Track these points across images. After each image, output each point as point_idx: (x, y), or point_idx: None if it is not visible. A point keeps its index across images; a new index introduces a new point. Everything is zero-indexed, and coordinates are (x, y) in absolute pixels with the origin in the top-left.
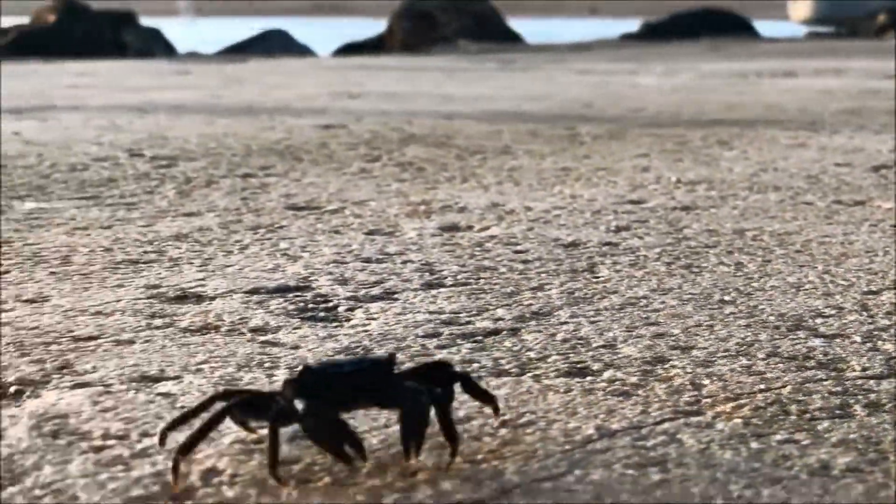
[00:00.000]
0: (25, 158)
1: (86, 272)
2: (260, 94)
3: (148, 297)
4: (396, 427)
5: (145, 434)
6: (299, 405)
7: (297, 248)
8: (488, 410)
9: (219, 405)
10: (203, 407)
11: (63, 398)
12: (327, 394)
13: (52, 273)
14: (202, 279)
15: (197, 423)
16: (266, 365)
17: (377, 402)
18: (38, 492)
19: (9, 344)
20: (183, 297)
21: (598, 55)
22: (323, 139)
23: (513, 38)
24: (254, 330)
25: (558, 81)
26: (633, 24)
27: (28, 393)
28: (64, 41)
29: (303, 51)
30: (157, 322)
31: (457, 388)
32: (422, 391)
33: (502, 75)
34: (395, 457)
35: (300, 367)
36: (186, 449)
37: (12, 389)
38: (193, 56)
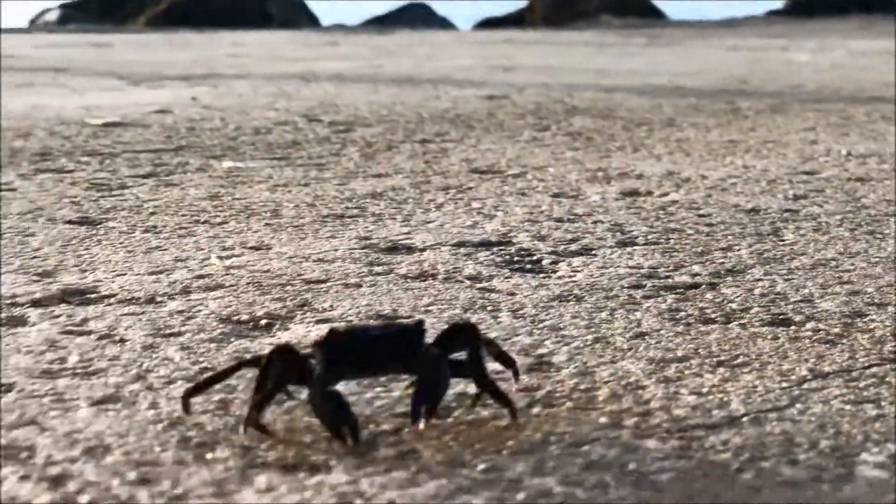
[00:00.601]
0: (210, 122)
1: (297, 224)
2: (416, 66)
3: (362, 248)
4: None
5: None
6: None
7: (490, 207)
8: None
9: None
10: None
11: (311, 331)
12: (352, 357)
13: (267, 224)
14: (408, 233)
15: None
16: (489, 308)
17: (403, 369)
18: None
19: (248, 284)
20: (394, 249)
21: (745, 31)
22: (489, 109)
23: (655, 14)
24: (470, 278)
25: (709, 57)
26: (776, 2)
27: (277, 326)
28: (212, 12)
29: (443, 24)
30: (378, 269)
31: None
32: (443, 358)
33: (650, 50)
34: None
35: (327, 330)
36: (260, 407)
37: (263, 322)
38: (339, 27)
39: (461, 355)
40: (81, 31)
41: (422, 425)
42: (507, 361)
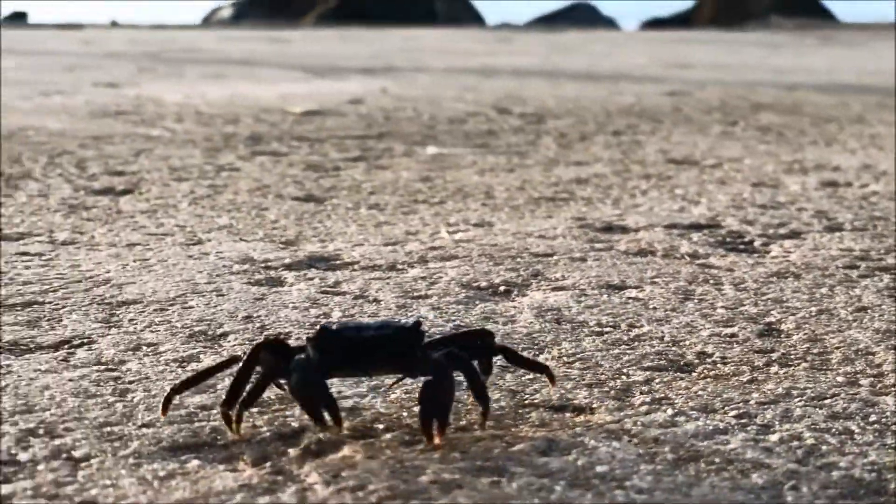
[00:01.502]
0: (404, 111)
1: (513, 205)
2: (593, 63)
3: (579, 227)
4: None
5: (632, 326)
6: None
7: (693, 194)
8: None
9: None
10: (251, 361)
11: (549, 297)
12: (343, 355)
13: (484, 204)
14: (619, 214)
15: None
16: (710, 282)
17: (397, 369)
18: (565, 359)
19: (480, 255)
20: (609, 228)
21: None
22: (673, 104)
23: (825, 15)
24: (689, 255)
25: (886, 57)
26: None
27: (515, 292)
28: (379, 8)
29: (608, 24)
30: (598, 245)
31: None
32: (445, 364)
33: (825, 50)
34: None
35: (317, 326)
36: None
37: (501, 289)
38: (506, 26)
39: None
40: (254, 28)
41: (437, 440)
42: (537, 367)
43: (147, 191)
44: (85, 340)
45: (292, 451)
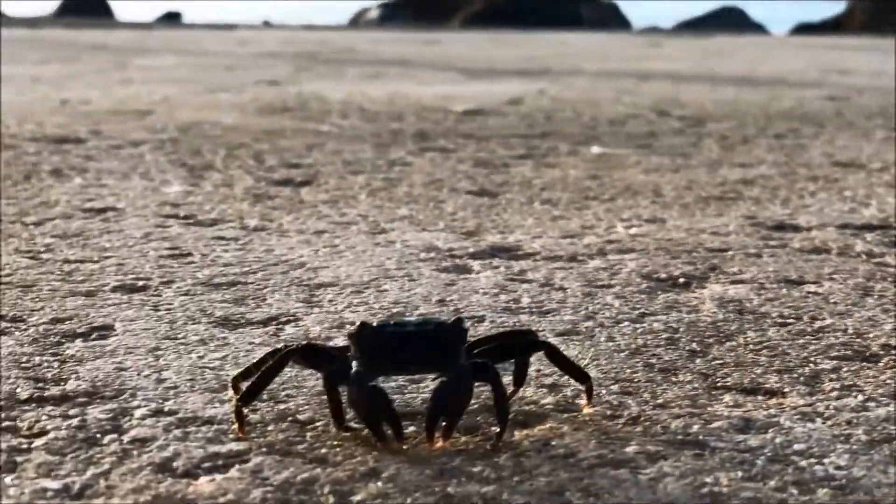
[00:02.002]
0: (563, 112)
1: (682, 203)
2: (748, 67)
3: (751, 225)
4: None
5: (815, 318)
6: (354, 365)
7: (862, 196)
8: None
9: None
10: (278, 366)
11: (728, 289)
12: (382, 354)
13: (654, 202)
14: (790, 214)
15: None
16: (889, 280)
17: (436, 368)
18: (751, 346)
19: (657, 249)
20: (781, 227)
21: None
22: (834, 109)
23: None
24: (864, 253)
25: None
26: None
27: (695, 284)
28: (524, 12)
29: (756, 28)
30: (772, 243)
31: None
32: (468, 368)
33: None
34: None
35: (357, 323)
36: (249, 397)
37: (681, 280)
38: (654, 30)
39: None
40: (402, 29)
41: (438, 443)
42: (581, 377)
43: (325, 182)
44: (291, 318)
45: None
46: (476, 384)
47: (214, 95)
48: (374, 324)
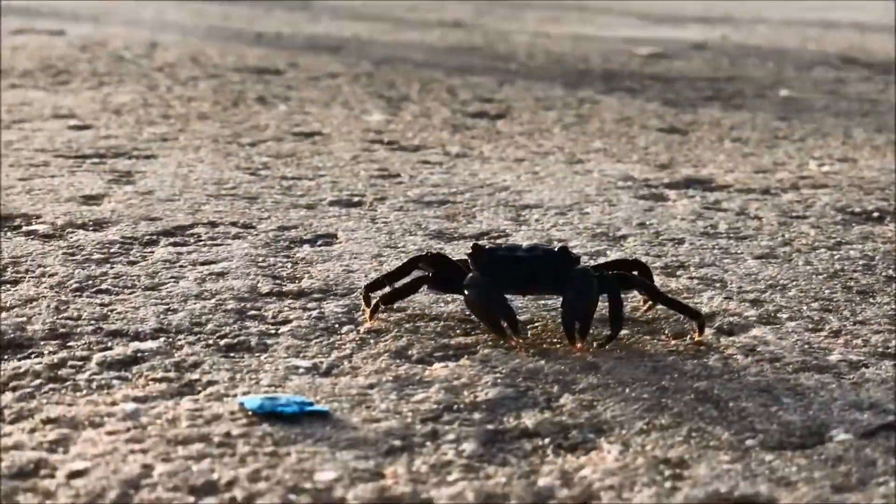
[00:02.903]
0: (748, 58)
1: (873, 145)
2: None
3: None
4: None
5: None
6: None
7: None
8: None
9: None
10: (404, 269)
11: None
12: (494, 274)
13: (844, 143)
14: None
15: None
16: None
17: (547, 289)
18: None
19: (849, 186)
20: None
21: None
22: None
23: None
24: None
25: None
26: None
27: (888, 219)
28: None
29: None
30: None
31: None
32: (590, 274)
33: None
34: None
35: (472, 245)
36: (374, 287)
37: (874, 215)
38: None
39: None
40: None
41: (579, 344)
42: (691, 313)
43: (519, 116)
44: (501, 234)
45: (708, 330)
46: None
47: (401, 34)
48: (487, 247)
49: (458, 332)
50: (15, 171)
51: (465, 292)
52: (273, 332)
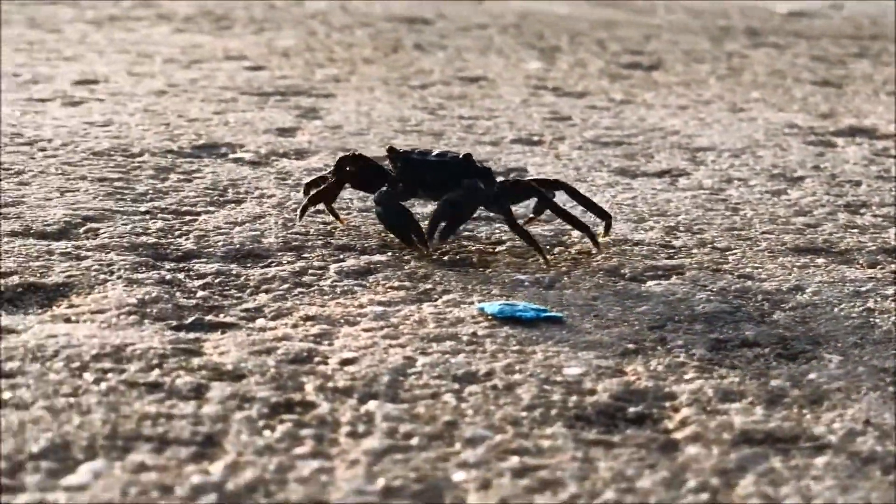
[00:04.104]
0: (888, 18)
1: None
2: None
3: None
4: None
5: None
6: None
7: None
8: None
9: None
10: (337, 169)
11: None
12: (406, 176)
13: None
14: None
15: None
16: None
17: (443, 193)
18: None
19: None
20: None
21: None
22: None
23: None
24: None
25: None
26: None
27: None
28: None
29: None
30: None
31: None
32: (473, 187)
33: None
34: None
35: (388, 147)
36: (311, 186)
37: None
38: None
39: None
40: None
41: (433, 247)
42: (602, 214)
43: (672, 68)
44: (682, 172)
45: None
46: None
47: None
48: (400, 150)
49: (662, 255)
50: (208, 106)
51: (376, 208)
52: (490, 250)
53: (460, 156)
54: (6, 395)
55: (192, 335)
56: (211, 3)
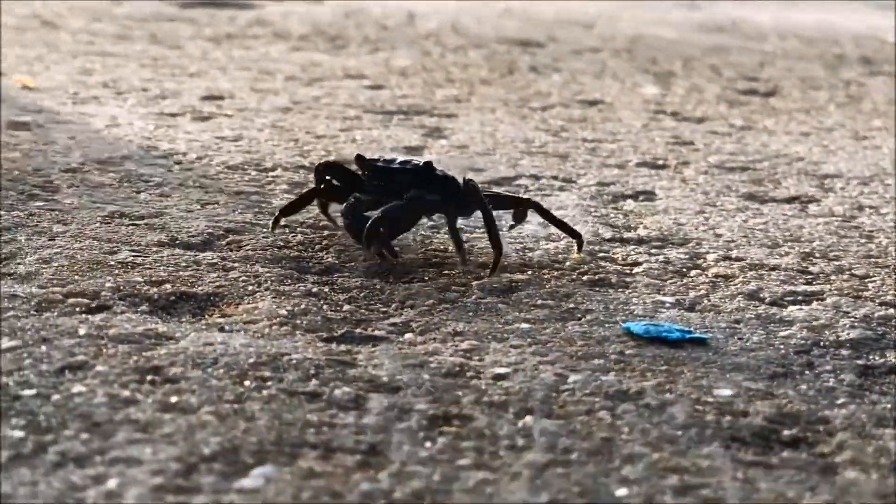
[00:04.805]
0: None
1: None
2: None
3: None
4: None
5: None
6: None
7: None
8: None
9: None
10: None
11: None
12: (373, 182)
13: None
14: None
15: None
16: None
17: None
18: None
19: None
20: None
21: None
22: None
23: None
24: None
25: None
26: None
27: None
28: None
29: None
30: None
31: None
32: (416, 197)
33: None
34: None
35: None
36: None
37: None
38: None
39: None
40: None
41: (375, 252)
42: (573, 233)
43: (789, 94)
44: (811, 199)
45: None
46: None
47: (654, 13)
48: (367, 157)
49: (800, 281)
50: (333, 123)
51: (343, 219)
52: (628, 272)
53: (420, 164)
54: (173, 399)
55: (343, 347)
56: (324, 22)
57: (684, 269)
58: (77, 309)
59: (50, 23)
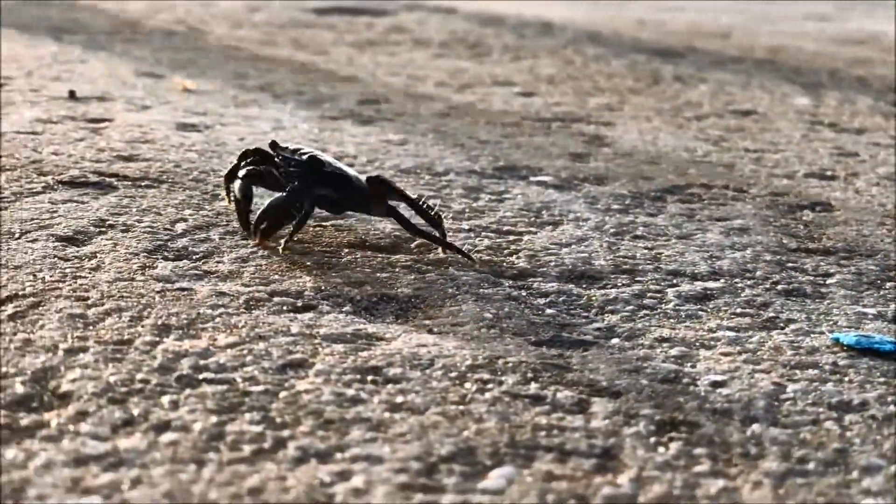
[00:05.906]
0: None
1: None
2: None
3: None
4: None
5: None
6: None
7: None
8: None
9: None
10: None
11: None
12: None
13: None
14: None
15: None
16: None
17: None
18: None
19: None
20: None
21: None
22: None
23: None
24: None
25: None
26: None
27: None
28: None
29: None
30: None
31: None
32: (296, 190)
33: None
34: None
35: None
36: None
37: None
38: None
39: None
40: None
41: (256, 240)
42: (433, 221)
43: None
44: None
45: None
46: None
47: (789, 26)
48: (280, 144)
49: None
50: (494, 129)
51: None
52: (821, 282)
53: (304, 158)
54: (398, 399)
55: (554, 351)
56: (461, 29)
57: (878, 281)
58: (284, 308)
59: (196, 28)
